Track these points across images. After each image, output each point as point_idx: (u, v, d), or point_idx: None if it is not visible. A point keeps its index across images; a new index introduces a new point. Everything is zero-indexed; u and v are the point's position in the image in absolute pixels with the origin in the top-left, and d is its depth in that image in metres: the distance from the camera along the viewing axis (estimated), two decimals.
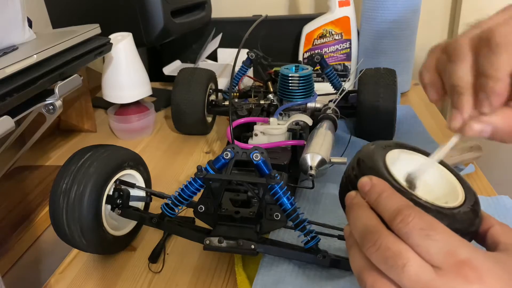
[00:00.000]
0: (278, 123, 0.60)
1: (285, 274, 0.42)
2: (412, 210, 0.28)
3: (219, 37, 0.94)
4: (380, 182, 0.30)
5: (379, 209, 0.29)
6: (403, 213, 0.27)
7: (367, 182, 0.31)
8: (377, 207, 0.29)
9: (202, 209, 0.43)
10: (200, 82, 0.74)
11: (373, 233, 0.28)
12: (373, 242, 0.27)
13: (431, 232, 0.26)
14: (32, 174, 0.67)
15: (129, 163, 0.48)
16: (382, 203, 0.29)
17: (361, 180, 0.31)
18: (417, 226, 0.27)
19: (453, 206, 0.31)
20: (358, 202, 0.31)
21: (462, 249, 0.26)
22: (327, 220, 0.47)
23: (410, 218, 0.27)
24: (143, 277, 0.47)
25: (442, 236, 0.26)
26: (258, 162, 0.40)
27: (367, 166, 0.33)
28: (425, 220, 0.27)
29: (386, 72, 0.69)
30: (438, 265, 0.26)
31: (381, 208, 0.29)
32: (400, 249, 0.27)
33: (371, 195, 0.30)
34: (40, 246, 0.54)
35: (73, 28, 0.64)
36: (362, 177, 0.31)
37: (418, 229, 0.27)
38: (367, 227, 0.29)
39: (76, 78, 0.57)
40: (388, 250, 0.27)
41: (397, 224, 0.27)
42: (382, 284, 0.27)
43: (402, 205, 0.28)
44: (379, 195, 0.29)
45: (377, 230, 0.28)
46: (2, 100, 0.44)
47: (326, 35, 0.90)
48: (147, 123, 0.79)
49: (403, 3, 0.82)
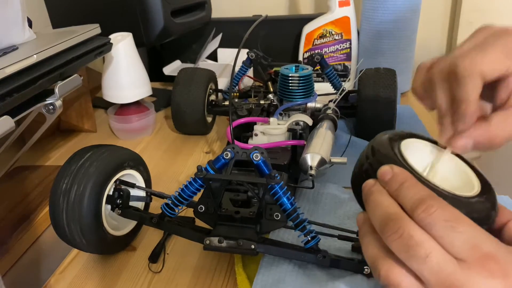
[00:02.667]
0: (278, 123, 0.60)
1: (285, 274, 0.42)
2: (436, 201, 0.27)
3: (219, 37, 0.94)
4: (402, 171, 0.30)
5: (400, 199, 0.29)
6: (426, 203, 0.27)
7: (388, 171, 0.31)
8: (398, 197, 0.29)
9: (202, 209, 0.43)
10: (200, 82, 0.74)
11: (395, 221, 0.28)
12: (395, 230, 0.27)
13: (456, 224, 0.26)
14: (32, 174, 0.67)
15: (129, 163, 0.48)
16: (404, 192, 0.29)
17: (382, 168, 0.31)
18: (441, 217, 0.27)
19: (470, 195, 0.31)
20: (379, 189, 0.31)
21: (486, 243, 0.26)
22: (327, 220, 0.47)
23: (433, 209, 0.27)
24: (143, 277, 0.47)
25: (467, 228, 0.26)
26: (258, 162, 0.40)
27: (383, 154, 0.32)
28: (449, 212, 0.27)
29: (386, 72, 0.69)
30: (461, 257, 0.26)
31: (403, 198, 0.29)
32: (423, 239, 0.26)
33: (392, 184, 0.30)
34: (40, 246, 0.54)
35: (73, 28, 0.64)
36: (382, 166, 0.31)
37: (443, 220, 0.26)
38: (388, 214, 0.28)
39: (76, 78, 0.57)
40: (411, 238, 0.27)
41: (420, 214, 0.27)
42: (398, 272, 0.27)
43: (425, 195, 0.28)
44: (401, 185, 0.29)
45: (400, 217, 0.28)
46: (2, 100, 0.44)
47: (326, 35, 0.90)
48: (147, 123, 0.79)
49: (403, 3, 0.82)
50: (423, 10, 0.87)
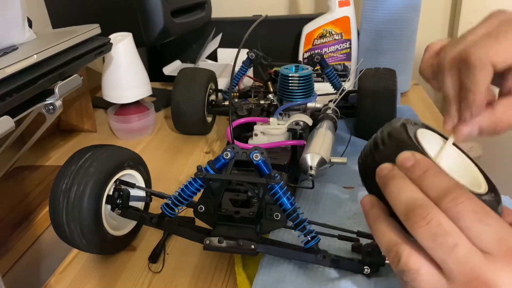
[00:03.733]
0: (278, 123, 0.60)
1: (285, 274, 0.42)
2: (463, 191, 0.27)
3: (219, 37, 0.94)
4: (424, 158, 0.30)
5: (423, 187, 0.28)
6: (455, 192, 0.27)
7: (409, 157, 0.30)
8: (422, 184, 0.28)
9: (202, 209, 0.43)
10: (200, 82, 0.74)
11: (424, 207, 0.27)
12: (423, 216, 0.26)
13: (484, 216, 0.26)
14: (32, 174, 0.67)
15: (129, 163, 0.48)
16: (428, 180, 0.28)
17: (403, 154, 0.30)
18: (469, 208, 0.26)
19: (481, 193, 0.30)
20: (400, 174, 0.30)
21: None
22: (327, 220, 0.47)
23: (462, 199, 0.26)
24: (143, 277, 0.47)
25: (494, 221, 0.26)
26: (258, 162, 0.39)
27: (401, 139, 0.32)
28: (477, 204, 0.26)
29: (386, 72, 0.69)
30: (488, 250, 0.25)
31: (427, 186, 0.28)
32: (451, 228, 0.26)
33: (415, 171, 0.29)
34: (40, 246, 0.54)
35: (73, 28, 0.64)
36: (403, 152, 0.30)
37: (471, 212, 0.26)
38: (415, 200, 0.28)
39: (76, 78, 0.57)
40: (440, 226, 0.26)
41: (447, 203, 0.26)
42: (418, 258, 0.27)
43: (453, 184, 0.27)
44: (425, 172, 0.29)
45: (427, 204, 0.27)
46: (2, 100, 0.44)
47: (326, 35, 0.90)
48: (147, 123, 0.79)
49: (403, 3, 0.82)
50: (423, 10, 0.87)
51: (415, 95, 0.92)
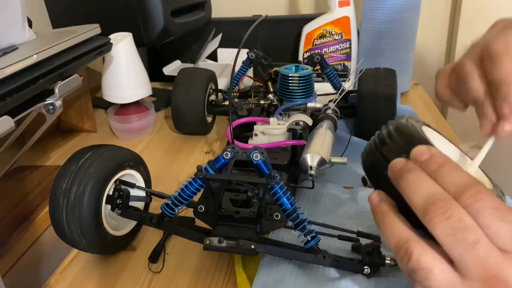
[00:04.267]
0: (278, 123, 0.60)
1: (285, 274, 0.42)
2: (482, 187, 0.26)
3: (219, 37, 0.94)
4: (440, 153, 0.29)
5: (440, 181, 0.27)
6: (474, 188, 0.26)
7: (425, 151, 0.29)
8: (438, 179, 0.27)
9: (202, 209, 0.43)
10: (200, 82, 0.74)
11: (444, 201, 0.26)
12: (444, 211, 0.25)
13: (504, 213, 0.25)
14: (32, 174, 0.67)
15: (129, 163, 0.48)
16: (445, 174, 0.27)
17: (418, 148, 0.29)
18: (489, 204, 0.25)
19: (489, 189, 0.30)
20: (416, 167, 0.28)
21: None
22: (327, 220, 0.47)
23: (481, 195, 0.25)
24: (143, 277, 0.47)
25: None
26: (258, 162, 0.39)
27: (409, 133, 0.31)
28: (496, 200, 0.26)
29: (386, 72, 0.69)
30: (507, 249, 0.25)
31: (444, 180, 0.27)
32: (472, 224, 0.25)
33: (431, 165, 0.28)
34: (40, 246, 0.54)
35: (73, 28, 0.64)
36: (418, 146, 0.29)
37: (491, 208, 0.25)
38: (434, 193, 0.27)
39: (76, 78, 0.57)
40: (461, 221, 0.25)
41: (466, 199, 0.26)
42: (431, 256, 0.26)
43: (471, 180, 0.27)
44: (441, 166, 0.28)
45: (447, 198, 0.26)
46: (2, 100, 0.44)
47: (326, 35, 0.90)
48: (147, 123, 0.79)
49: (403, 3, 0.82)
50: (423, 10, 0.87)
51: (415, 95, 0.92)
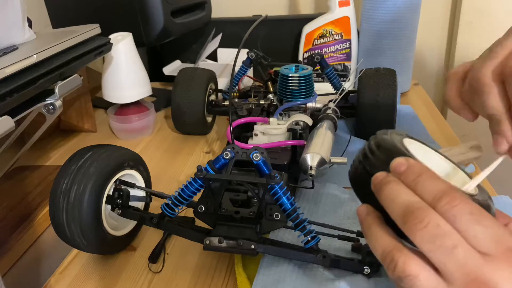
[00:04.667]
0: (278, 123, 0.60)
1: (285, 274, 0.42)
2: (458, 194, 0.27)
3: (219, 37, 0.94)
4: (418, 163, 0.29)
5: (418, 190, 0.28)
6: (450, 195, 0.26)
7: (403, 162, 0.29)
8: (416, 188, 0.28)
9: (202, 209, 0.43)
10: (200, 82, 0.74)
11: (421, 210, 0.27)
12: (421, 219, 0.26)
13: (480, 217, 0.26)
14: (32, 174, 0.67)
15: (129, 163, 0.48)
16: (423, 184, 0.28)
17: (396, 160, 0.30)
18: (466, 210, 0.26)
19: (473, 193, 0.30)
20: (395, 180, 0.29)
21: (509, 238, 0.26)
22: (327, 220, 0.47)
23: (457, 201, 0.26)
24: (143, 277, 0.47)
25: (491, 222, 0.26)
26: (258, 162, 0.40)
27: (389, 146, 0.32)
28: (472, 205, 0.26)
29: (386, 72, 0.69)
30: (486, 251, 0.25)
31: (421, 189, 0.28)
32: (450, 230, 0.26)
33: (409, 176, 0.29)
34: (40, 246, 0.54)
35: (73, 28, 0.64)
36: (396, 158, 0.30)
37: (468, 214, 0.26)
38: (411, 203, 0.27)
39: (76, 78, 0.57)
40: (438, 228, 0.26)
41: (443, 206, 0.26)
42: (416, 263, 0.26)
43: (447, 187, 0.27)
44: (419, 176, 0.28)
45: (424, 207, 0.27)
46: (2, 100, 0.44)
47: (326, 35, 0.90)
48: (147, 123, 0.79)
49: (403, 3, 0.82)
50: (423, 10, 0.87)
51: (415, 95, 0.92)
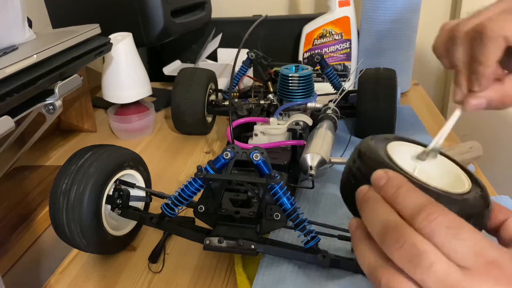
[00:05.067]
0: (278, 123, 0.60)
1: (285, 274, 0.42)
2: (436, 208, 0.26)
3: (219, 37, 0.94)
4: (397, 175, 0.29)
5: (397, 205, 0.28)
6: (427, 210, 0.26)
7: (382, 176, 0.29)
8: (395, 202, 0.28)
9: (202, 209, 0.43)
10: (200, 82, 0.74)
11: (396, 229, 0.27)
12: (397, 239, 0.26)
13: (458, 231, 0.25)
14: (32, 174, 0.67)
15: (129, 163, 0.48)
16: (401, 198, 0.28)
17: (376, 173, 0.30)
18: (443, 224, 0.26)
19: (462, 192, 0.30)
20: (373, 196, 0.29)
21: (489, 249, 0.25)
22: (327, 220, 0.47)
23: (434, 216, 0.26)
24: (143, 277, 0.47)
25: (469, 235, 0.26)
26: (258, 162, 0.40)
27: (370, 158, 0.31)
28: (450, 218, 0.26)
29: (386, 72, 0.69)
30: (465, 265, 0.25)
31: (400, 204, 0.28)
32: (426, 248, 0.25)
33: (388, 189, 0.29)
34: (40, 246, 0.54)
35: (73, 28, 0.64)
36: (376, 171, 0.30)
37: (445, 228, 0.25)
38: (387, 222, 0.27)
39: (76, 78, 0.57)
40: (414, 247, 0.26)
41: (420, 222, 0.26)
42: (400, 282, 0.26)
43: (425, 201, 0.27)
44: (397, 189, 0.28)
45: (400, 226, 0.27)
46: (2, 100, 0.44)
47: (326, 35, 0.90)
48: (147, 123, 0.79)
49: (403, 3, 0.82)
50: (423, 10, 0.87)
51: (415, 95, 0.92)
